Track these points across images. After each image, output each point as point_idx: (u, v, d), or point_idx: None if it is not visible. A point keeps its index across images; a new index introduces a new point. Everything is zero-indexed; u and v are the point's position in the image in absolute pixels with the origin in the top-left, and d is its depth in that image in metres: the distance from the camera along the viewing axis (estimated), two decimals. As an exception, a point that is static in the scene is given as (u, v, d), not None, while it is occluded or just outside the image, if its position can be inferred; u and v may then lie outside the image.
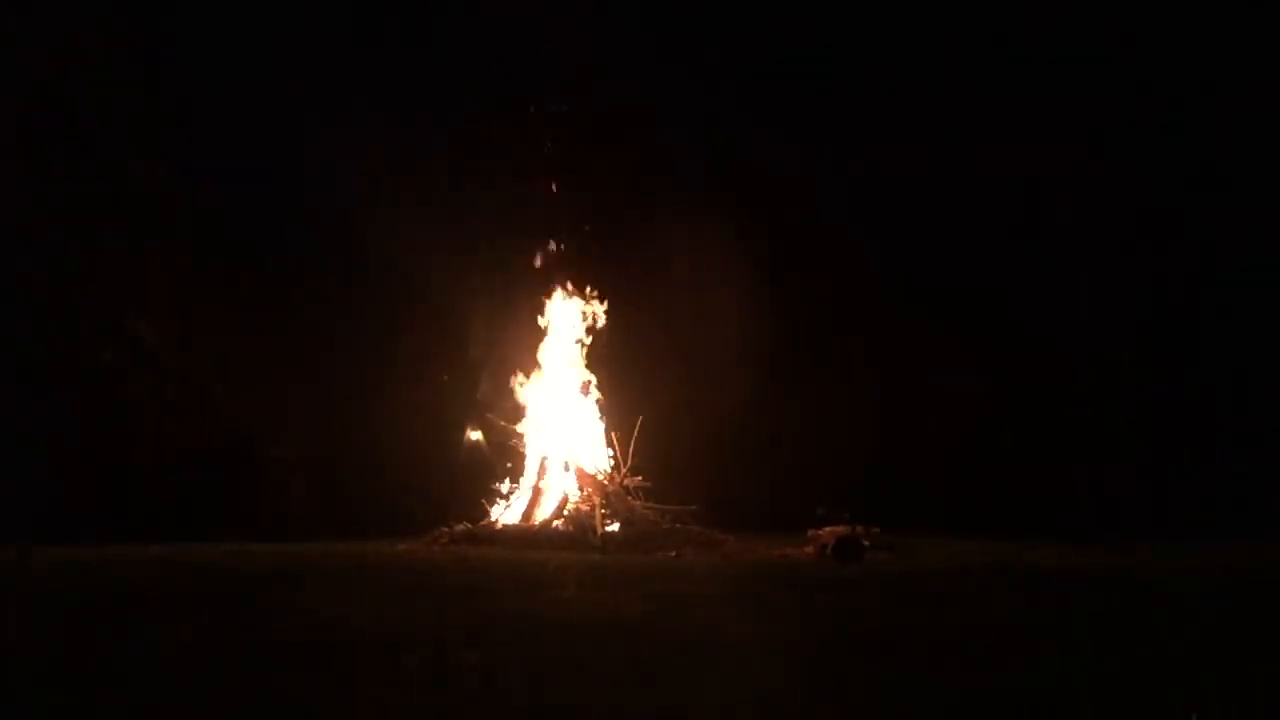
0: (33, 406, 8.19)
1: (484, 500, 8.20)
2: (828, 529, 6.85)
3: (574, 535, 7.38)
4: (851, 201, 9.53)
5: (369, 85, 8.95)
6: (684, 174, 9.28)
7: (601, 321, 8.45)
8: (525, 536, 7.46)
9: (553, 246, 8.58)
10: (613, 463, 8.17)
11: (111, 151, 8.70)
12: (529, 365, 8.50)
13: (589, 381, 8.38)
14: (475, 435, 8.65)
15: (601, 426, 8.29)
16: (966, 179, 9.40)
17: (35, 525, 7.14)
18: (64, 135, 8.58)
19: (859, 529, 6.78)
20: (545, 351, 8.50)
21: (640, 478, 8.04)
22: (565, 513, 7.74)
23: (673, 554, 6.95)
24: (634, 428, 8.12)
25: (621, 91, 9.02)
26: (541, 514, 7.86)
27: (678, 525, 7.62)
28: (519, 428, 8.35)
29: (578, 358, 8.46)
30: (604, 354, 8.48)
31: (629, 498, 7.90)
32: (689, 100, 9.40)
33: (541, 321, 8.53)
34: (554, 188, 8.70)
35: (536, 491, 8.00)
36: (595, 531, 7.35)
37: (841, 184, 9.50)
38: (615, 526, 7.54)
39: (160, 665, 2.99)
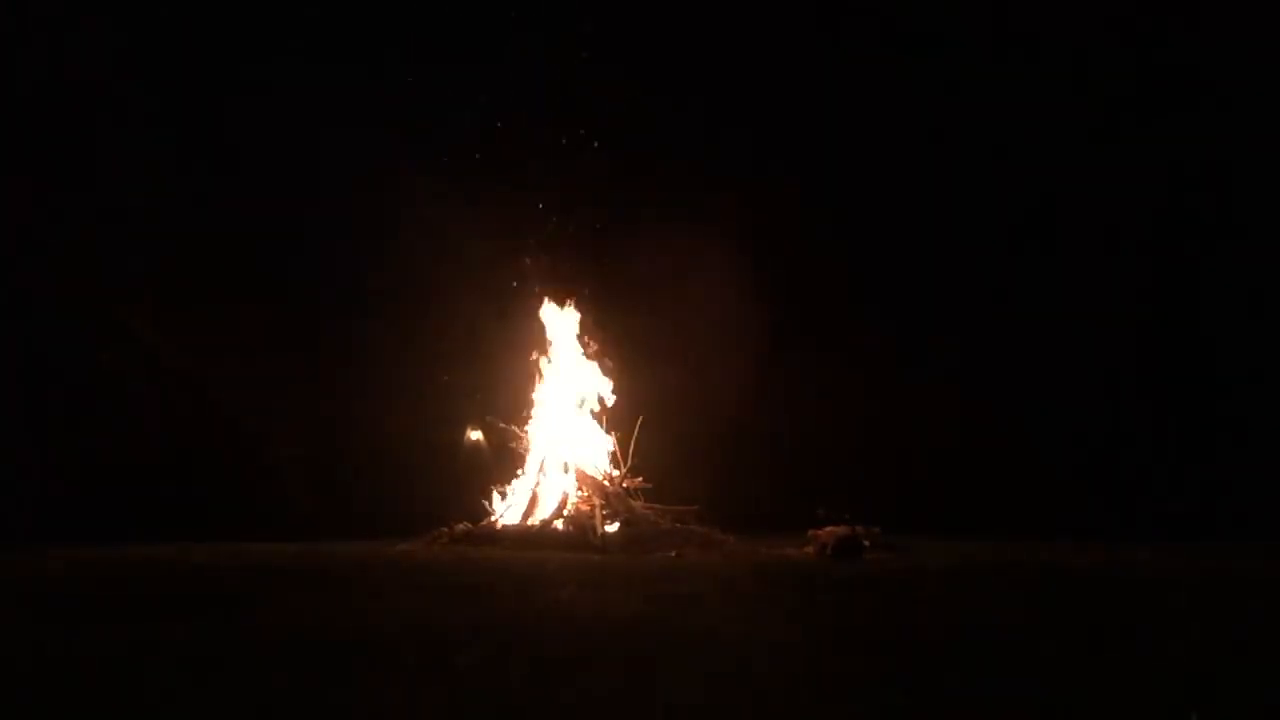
0: (33, 407, 8.20)
1: (484, 500, 8.20)
2: (828, 529, 6.85)
3: (574, 535, 7.38)
4: (850, 201, 9.53)
5: (371, 89, 8.96)
6: (679, 177, 9.29)
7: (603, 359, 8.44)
8: (525, 536, 7.46)
9: (549, 255, 8.60)
10: (612, 463, 8.17)
11: (111, 150, 8.71)
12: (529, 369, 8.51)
13: (589, 383, 8.37)
14: (475, 435, 8.65)
15: (602, 426, 8.30)
16: (965, 178, 9.41)
17: (36, 525, 7.15)
18: (64, 135, 8.60)
19: (859, 529, 6.77)
20: (545, 353, 8.51)
21: (640, 478, 8.04)
22: (565, 513, 7.74)
23: (673, 554, 6.95)
24: (634, 428, 8.12)
25: (618, 95, 9.03)
26: (541, 514, 7.87)
27: (678, 525, 7.61)
28: (520, 429, 8.35)
29: (577, 359, 8.46)
30: (603, 355, 8.48)
31: (629, 498, 7.89)
32: (684, 105, 9.42)
33: (541, 322, 8.55)
34: (552, 190, 8.72)
35: (536, 491, 8.00)
36: (595, 531, 7.35)
37: (839, 183, 9.50)
38: (615, 526, 7.54)
39: (160, 665, 2.99)
